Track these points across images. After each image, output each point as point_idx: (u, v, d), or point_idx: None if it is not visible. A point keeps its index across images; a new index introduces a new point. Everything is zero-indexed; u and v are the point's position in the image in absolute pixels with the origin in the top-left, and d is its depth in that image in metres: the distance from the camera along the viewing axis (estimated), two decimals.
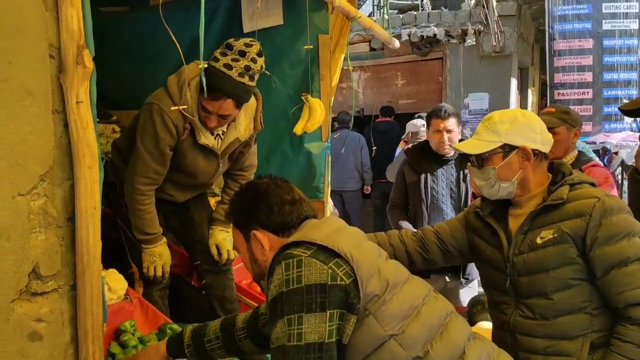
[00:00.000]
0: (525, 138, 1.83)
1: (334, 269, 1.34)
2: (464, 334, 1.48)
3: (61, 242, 1.53)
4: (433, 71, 7.79)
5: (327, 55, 3.13)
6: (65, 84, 1.48)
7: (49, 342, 1.48)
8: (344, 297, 1.32)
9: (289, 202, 1.56)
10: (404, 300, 1.42)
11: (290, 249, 1.40)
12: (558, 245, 1.74)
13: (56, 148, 1.49)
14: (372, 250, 1.51)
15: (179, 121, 2.27)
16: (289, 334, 1.30)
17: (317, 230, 1.47)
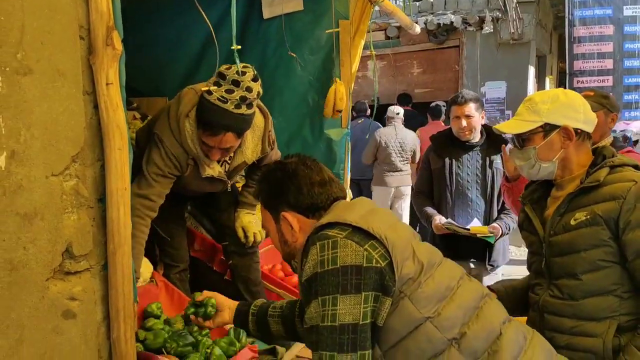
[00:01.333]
0: (567, 117, 1.81)
1: (369, 250, 1.32)
2: (500, 316, 1.46)
3: (92, 222, 1.55)
4: (449, 59, 7.73)
5: (347, 41, 3.12)
6: (95, 65, 1.50)
7: (82, 320, 1.51)
8: (379, 279, 1.31)
9: (318, 183, 1.54)
10: (440, 282, 1.40)
11: (325, 230, 1.38)
12: (590, 227, 1.73)
13: (87, 129, 1.51)
14: (406, 231, 1.48)
15: (181, 157, 2.23)
16: (323, 314, 1.30)
17: (350, 211, 1.44)
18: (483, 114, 3.19)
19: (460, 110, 3.12)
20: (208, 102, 2.12)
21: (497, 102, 7.41)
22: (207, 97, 2.13)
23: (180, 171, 2.26)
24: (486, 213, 3.21)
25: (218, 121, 2.13)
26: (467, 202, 3.20)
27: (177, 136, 2.21)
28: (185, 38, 3.53)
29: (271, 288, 2.83)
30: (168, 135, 2.21)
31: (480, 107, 3.16)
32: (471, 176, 3.19)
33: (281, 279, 2.86)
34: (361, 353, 1.29)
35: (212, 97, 2.12)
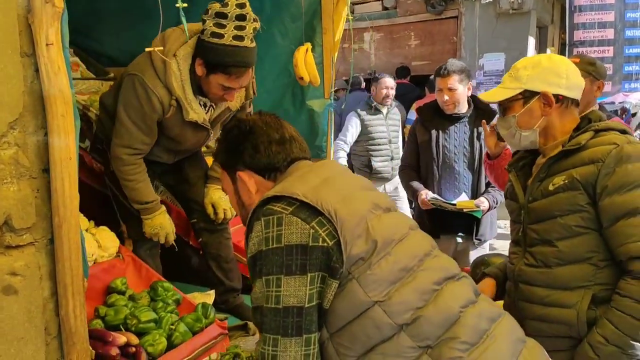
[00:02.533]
0: (548, 83, 1.73)
1: (316, 228, 1.22)
2: (461, 299, 1.33)
3: (36, 194, 1.46)
4: (448, 31, 7.55)
5: (329, 8, 2.99)
6: (33, 24, 1.39)
7: (25, 297, 1.43)
8: (326, 259, 1.22)
9: (276, 141, 1.44)
10: (395, 262, 1.28)
11: (271, 203, 1.28)
12: (567, 191, 1.66)
13: (26, 94, 1.41)
14: (364, 203, 1.34)
15: (164, 98, 2.14)
16: (267, 295, 1.22)
17: (302, 181, 1.33)
18: (469, 85, 3.08)
19: (443, 83, 3.02)
20: (223, 45, 2.04)
21: (496, 74, 7.25)
22: (219, 40, 2.04)
23: (162, 112, 2.17)
24: (474, 186, 3.13)
25: (241, 60, 2.08)
26: (454, 175, 3.11)
27: (161, 75, 2.12)
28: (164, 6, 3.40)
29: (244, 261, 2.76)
30: (150, 75, 2.12)
31: (465, 78, 3.04)
32: (458, 148, 3.10)
33: None
34: (306, 337, 1.20)
35: (225, 39, 2.04)
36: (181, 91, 2.15)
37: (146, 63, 2.14)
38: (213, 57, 2.08)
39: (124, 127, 2.18)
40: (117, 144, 2.22)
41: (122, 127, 2.19)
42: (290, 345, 1.19)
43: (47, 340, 1.50)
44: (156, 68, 2.12)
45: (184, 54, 2.15)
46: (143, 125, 2.18)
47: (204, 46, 2.09)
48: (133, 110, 2.15)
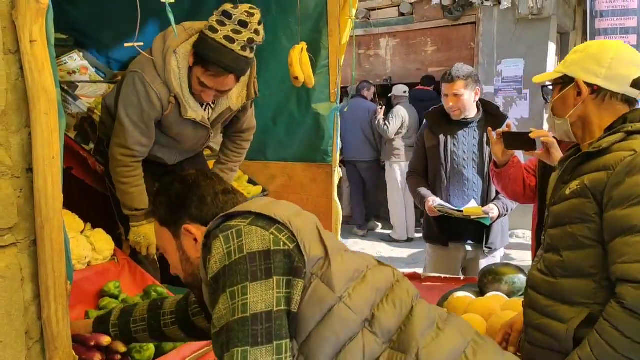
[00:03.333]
0: (585, 70, 1.59)
1: (275, 234, 1.25)
2: (411, 292, 1.38)
3: (19, 193, 1.43)
4: (465, 37, 7.44)
5: (336, 11, 2.95)
6: (17, 20, 1.37)
7: (5, 299, 1.40)
8: (289, 262, 1.23)
9: (222, 191, 1.46)
10: (348, 263, 1.33)
11: (226, 222, 1.29)
12: (578, 198, 1.52)
13: (10, 91, 1.38)
14: (310, 218, 1.40)
15: (163, 94, 2.13)
16: (233, 307, 1.17)
17: (250, 203, 1.38)
18: (477, 90, 2.99)
19: (449, 89, 2.95)
20: (213, 40, 2.02)
21: (514, 80, 7.10)
22: (212, 34, 2.03)
23: (160, 109, 2.15)
24: (483, 192, 3.04)
25: (223, 61, 2.04)
26: (463, 181, 3.03)
27: (160, 71, 2.11)
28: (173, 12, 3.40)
29: None
30: (150, 70, 2.11)
31: (472, 83, 2.96)
32: (467, 154, 3.01)
33: None
34: (277, 344, 1.16)
35: (217, 35, 2.02)
36: (179, 88, 2.14)
37: (147, 60, 2.14)
38: (200, 48, 2.07)
39: (122, 125, 2.17)
40: (114, 143, 2.21)
41: (120, 125, 2.18)
42: (261, 355, 1.14)
43: (29, 345, 1.47)
44: (156, 65, 2.12)
45: (184, 51, 2.14)
46: (141, 124, 2.16)
47: (199, 37, 2.09)
48: (132, 107, 2.15)
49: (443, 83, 3.00)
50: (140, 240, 2.28)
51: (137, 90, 2.11)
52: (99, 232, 2.14)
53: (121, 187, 2.23)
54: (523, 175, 2.53)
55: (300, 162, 3.20)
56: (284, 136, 3.23)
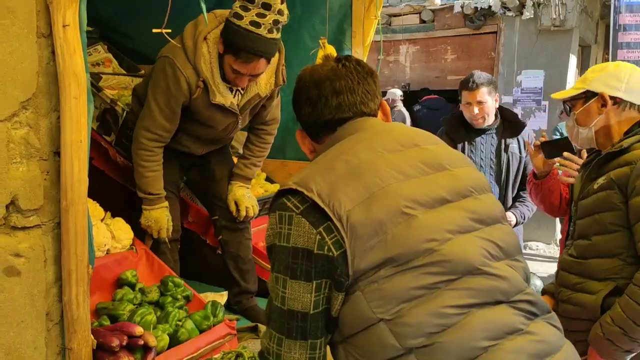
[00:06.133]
0: (607, 85, 1.89)
1: (323, 235, 1.09)
2: (496, 329, 1.09)
3: (45, 175, 1.44)
4: (486, 46, 7.41)
5: (360, 11, 2.94)
6: (51, 5, 1.38)
7: (27, 279, 1.41)
8: (331, 269, 1.09)
9: (334, 91, 1.26)
10: (414, 279, 1.08)
11: (287, 196, 1.16)
12: (605, 190, 1.82)
13: (41, 75, 1.40)
14: (396, 201, 1.12)
15: (191, 78, 2.16)
16: (275, 292, 1.15)
17: (327, 169, 1.15)
18: (497, 96, 2.98)
19: (472, 96, 2.91)
20: (239, 27, 2.04)
21: (534, 91, 7.06)
22: (237, 22, 2.05)
23: (188, 94, 2.18)
24: (500, 200, 3.00)
25: (252, 47, 2.06)
26: None
27: (190, 56, 2.14)
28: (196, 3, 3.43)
29: (265, 266, 2.72)
30: (180, 55, 2.14)
31: (493, 90, 2.94)
32: (485, 161, 2.99)
33: None
34: (312, 342, 1.13)
35: (243, 21, 2.04)
36: (209, 73, 2.17)
37: (177, 45, 2.16)
38: (228, 36, 2.10)
39: (149, 109, 2.21)
40: (140, 126, 2.25)
41: (147, 109, 2.22)
42: (295, 347, 1.12)
43: (49, 326, 1.48)
44: (187, 50, 2.15)
45: (214, 37, 2.17)
46: (167, 109, 2.20)
47: (226, 25, 2.12)
48: (159, 91, 2.18)
49: (465, 91, 2.95)
50: (151, 224, 2.29)
51: (167, 75, 2.15)
52: (118, 220, 2.15)
53: (139, 170, 2.25)
54: (560, 187, 2.52)
55: None
56: None
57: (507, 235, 1.21)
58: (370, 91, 1.30)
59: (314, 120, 1.29)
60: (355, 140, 1.22)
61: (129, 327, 1.66)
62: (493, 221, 1.21)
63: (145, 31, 3.40)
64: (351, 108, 1.28)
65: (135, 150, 2.26)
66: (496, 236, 1.18)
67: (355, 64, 1.31)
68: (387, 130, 1.27)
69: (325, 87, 1.27)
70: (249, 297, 2.58)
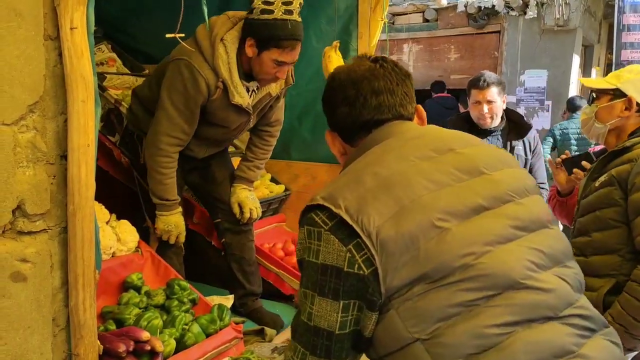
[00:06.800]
0: (637, 90, 1.91)
1: (353, 252, 1.03)
2: (543, 350, 1.00)
3: (52, 180, 1.43)
4: (489, 45, 7.39)
5: (367, 12, 2.92)
6: (59, 7, 1.37)
7: (34, 285, 1.39)
8: (362, 289, 1.03)
9: (350, 99, 1.22)
10: (451, 296, 1.01)
11: (315, 211, 1.10)
12: (606, 187, 1.86)
13: (48, 78, 1.38)
14: (428, 213, 1.04)
15: (211, 79, 2.15)
16: (304, 307, 1.11)
17: (356, 182, 1.10)
18: (504, 97, 2.96)
19: (482, 95, 2.89)
20: (275, 20, 2.07)
21: (537, 91, 7.04)
22: (269, 16, 2.07)
23: (207, 95, 2.17)
24: None
25: (294, 34, 2.12)
26: None
27: (208, 58, 2.14)
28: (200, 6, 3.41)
29: (270, 267, 2.71)
30: (196, 57, 2.14)
31: (502, 90, 2.93)
32: None
33: (280, 258, 2.73)
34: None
35: (275, 14, 2.07)
36: (228, 74, 2.16)
37: (193, 47, 2.15)
38: (265, 33, 2.10)
39: (167, 113, 2.18)
40: (157, 132, 2.20)
41: (164, 113, 2.18)
42: None
43: (55, 332, 1.46)
44: (204, 51, 2.15)
45: (231, 38, 2.17)
46: (186, 111, 2.18)
47: (254, 25, 2.12)
48: (177, 95, 2.16)
49: (474, 89, 2.93)
50: (171, 228, 2.28)
51: (184, 77, 2.13)
52: (124, 223, 2.14)
53: (157, 177, 2.23)
54: None
55: (324, 163, 3.17)
56: (309, 136, 3.21)
57: (554, 240, 1.13)
58: (408, 94, 1.26)
59: (352, 121, 1.24)
60: (387, 148, 1.17)
61: (135, 332, 1.64)
62: (538, 226, 1.12)
63: (148, 30, 3.42)
64: (390, 110, 1.23)
65: (153, 157, 2.22)
66: (542, 243, 1.09)
67: (392, 65, 1.27)
68: (421, 135, 1.21)
69: (364, 87, 1.22)
70: (254, 299, 2.56)
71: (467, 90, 3.03)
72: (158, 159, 2.22)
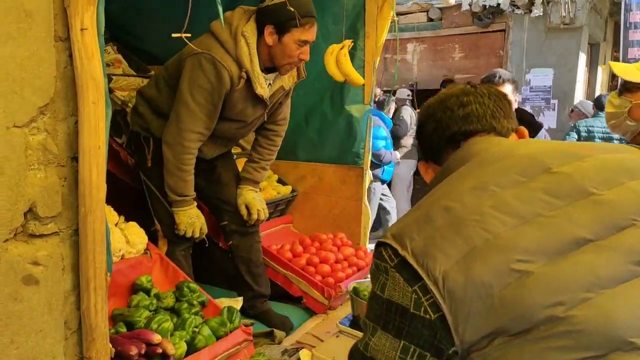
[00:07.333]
0: None
1: (419, 294, 0.93)
2: None
3: (63, 182, 1.42)
4: (494, 44, 7.36)
5: (374, 11, 2.92)
6: (69, 8, 1.36)
7: (46, 288, 1.38)
8: (428, 335, 0.93)
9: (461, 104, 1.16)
10: (537, 355, 0.84)
11: (383, 247, 1.02)
12: None
13: (59, 79, 1.37)
14: (511, 254, 0.88)
15: (234, 71, 2.15)
16: (363, 335, 1.05)
17: (427, 220, 0.98)
18: (517, 97, 2.94)
19: None
20: (286, 1, 2.08)
21: (543, 90, 7.01)
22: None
23: (229, 85, 2.17)
24: None
25: (310, 10, 2.15)
26: None
27: (231, 49, 2.14)
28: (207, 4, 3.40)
29: (277, 269, 2.69)
30: (218, 50, 2.14)
31: (515, 89, 2.92)
32: None
33: (288, 259, 2.71)
34: None
35: None
36: (250, 65, 2.17)
37: (212, 42, 2.16)
38: (284, 15, 2.11)
39: (188, 109, 2.17)
40: (182, 129, 2.19)
41: (185, 110, 2.17)
42: None
43: (67, 335, 1.45)
44: (224, 44, 2.15)
45: (250, 30, 2.18)
46: (209, 105, 2.18)
47: (271, 11, 2.14)
48: (198, 88, 2.15)
49: (489, 85, 2.92)
50: (195, 220, 2.29)
51: (205, 70, 2.12)
52: (132, 225, 2.13)
53: (179, 174, 2.23)
54: None
55: (331, 164, 3.16)
56: (315, 137, 3.20)
57: None
58: (503, 108, 1.17)
59: (438, 137, 1.17)
60: (465, 174, 1.04)
61: (146, 334, 1.63)
62: None
63: (154, 31, 3.41)
64: (480, 120, 1.14)
65: (176, 156, 2.21)
66: None
67: (486, 87, 1.21)
68: (510, 153, 1.04)
69: (451, 102, 1.17)
70: (262, 300, 2.55)
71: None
72: (182, 156, 2.21)
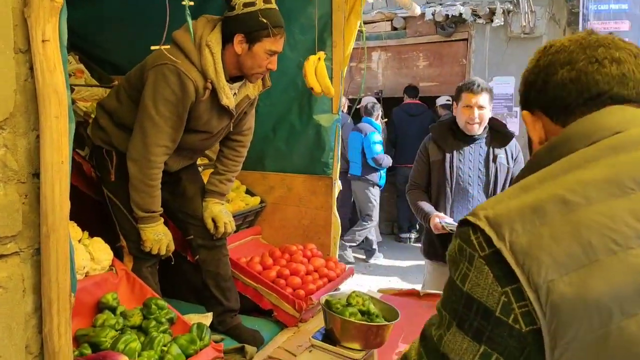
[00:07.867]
0: None
1: (510, 298, 0.77)
2: None
3: (24, 199, 1.36)
4: (457, 53, 7.48)
5: (340, 21, 2.92)
6: (30, 19, 1.30)
7: (5, 311, 1.32)
8: (515, 349, 0.78)
9: (614, 59, 0.92)
10: None
11: (470, 226, 0.85)
12: None
13: (19, 92, 1.32)
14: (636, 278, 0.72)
15: (199, 82, 2.11)
16: (438, 321, 0.90)
17: (536, 211, 0.79)
18: (491, 106, 2.97)
19: (475, 99, 2.86)
20: (259, 11, 2.06)
21: (505, 97, 7.15)
22: (252, 8, 2.07)
23: (194, 97, 2.12)
24: None
25: (278, 20, 2.13)
26: (468, 198, 2.97)
27: (195, 60, 2.10)
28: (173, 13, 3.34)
29: (247, 282, 2.65)
30: (182, 60, 2.08)
31: (491, 99, 2.93)
32: (473, 170, 2.96)
33: (258, 272, 2.67)
34: None
35: (257, 5, 2.07)
36: (215, 75, 2.12)
37: (176, 52, 2.10)
38: (254, 24, 2.08)
39: (154, 122, 2.10)
40: (147, 143, 2.12)
41: (151, 123, 2.11)
42: None
43: None
44: (189, 54, 2.10)
45: (215, 39, 2.13)
46: (174, 117, 2.12)
47: (240, 19, 2.10)
48: (162, 100, 2.09)
49: (467, 93, 2.89)
50: (162, 237, 2.23)
51: (169, 82, 2.06)
52: (97, 241, 2.05)
53: (146, 189, 2.16)
54: None
55: (299, 174, 3.14)
56: (283, 146, 3.17)
57: None
58: None
59: (577, 91, 0.94)
60: (591, 158, 0.84)
61: (112, 356, 1.57)
62: None
63: (116, 41, 3.33)
64: (636, 86, 0.92)
65: (142, 171, 2.15)
66: None
67: (634, 45, 0.99)
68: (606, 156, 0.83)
69: (599, 53, 0.94)
70: (232, 315, 2.50)
71: (457, 95, 2.97)
72: (149, 171, 2.15)
